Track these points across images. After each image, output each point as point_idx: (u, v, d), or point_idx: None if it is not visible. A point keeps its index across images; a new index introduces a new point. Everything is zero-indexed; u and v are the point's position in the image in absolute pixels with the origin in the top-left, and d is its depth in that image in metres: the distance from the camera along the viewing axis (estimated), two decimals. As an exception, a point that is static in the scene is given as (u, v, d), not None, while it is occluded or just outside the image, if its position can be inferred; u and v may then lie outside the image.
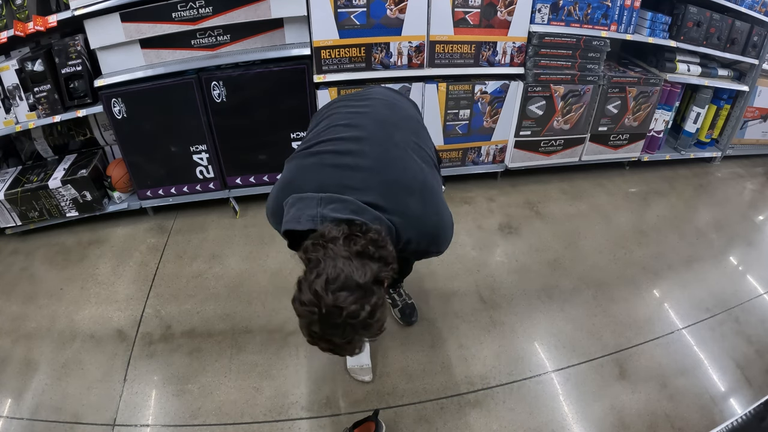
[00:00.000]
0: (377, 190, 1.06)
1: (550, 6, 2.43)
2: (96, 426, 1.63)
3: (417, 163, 1.17)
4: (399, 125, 1.25)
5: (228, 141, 2.48)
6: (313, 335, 0.94)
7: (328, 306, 0.89)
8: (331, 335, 0.92)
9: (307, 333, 0.95)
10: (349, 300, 0.89)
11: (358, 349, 0.98)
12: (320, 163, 1.14)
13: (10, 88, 2.27)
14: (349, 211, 1.00)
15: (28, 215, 2.46)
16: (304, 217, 1.02)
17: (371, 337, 0.97)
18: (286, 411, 1.66)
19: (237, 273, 2.24)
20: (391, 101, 1.42)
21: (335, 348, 0.96)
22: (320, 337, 0.94)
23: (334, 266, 0.90)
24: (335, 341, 0.94)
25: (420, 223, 1.12)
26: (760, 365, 1.85)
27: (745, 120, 3.23)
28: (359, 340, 0.96)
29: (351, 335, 0.93)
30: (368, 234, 0.96)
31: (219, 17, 2.18)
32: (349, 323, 0.90)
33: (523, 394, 1.72)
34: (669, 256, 2.40)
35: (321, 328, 0.92)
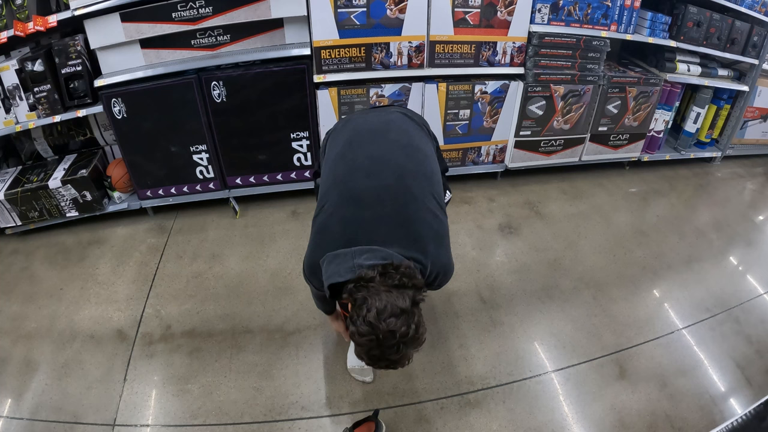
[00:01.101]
0: (400, 243, 1.22)
1: (550, 6, 2.43)
2: (96, 426, 1.63)
3: (431, 213, 1.30)
4: (416, 175, 1.33)
5: (228, 141, 2.48)
6: (373, 358, 1.11)
7: (383, 332, 1.06)
8: (388, 355, 1.09)
9: (367, 357, 1.12)
10: (398, 324, 1.07)
11: (408, 360, 1.14)
12: (345, 221, 1.27)
13: (10, 88, 2.27)
14: (380, 258, 1.16)
15: (28, 215, 2.46)
16: (343, 269, 1.17)
17: (418, 347, 1.13)
18: (286, 411, 1.66)
19: (237, 273, 2.24)
20: (407, 140, 1.43)
21: (392, 363, 1.12)
22: (379, 358, 1.11)
23: (379, 299, 1.08)
24: (392, 358, 1.10)
25: (437, 261, 1.29)
26: (760, 365, 1.85)
27: (745, 120, 3.23)
28: (410, 352, 1.12)
29: (404, 351, 1.10)
30: (399, 269, 1.13)
31: (219, 17, 2.18)
32: (402, 341, 1.07)
33: (523, 394, 1.72)
34: (669, 256, 2.40)
35: (380, 351, 1.09)
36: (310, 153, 2.58)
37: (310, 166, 2.62)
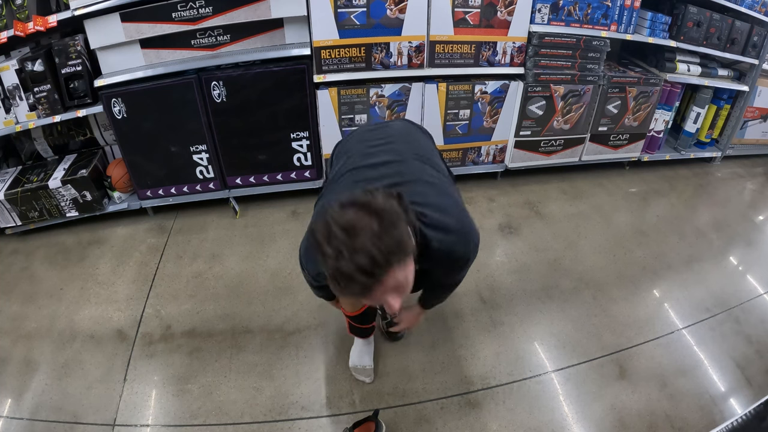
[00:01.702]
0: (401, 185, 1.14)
1: (550, 6, 2.43)
2: (96, 426, 1.63)
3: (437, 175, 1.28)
4: (419, 154, 1.33)
5: (228, 141, 2.48)
6: (343, 274, 0.89)
7: (340, 225, 0.87)
8: (359, 261, 0.87)
9: (337, 277, 0.90)
10: (358, 215, 0.88)
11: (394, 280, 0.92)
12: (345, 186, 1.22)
13: (10, 88, 2.27)
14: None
15: (28, 215, 2.46)
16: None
17: (400, 256, 0.91)
18: (286, 411, 1.66)
19: (237, 273, 2.24)
20: (407, 137, 1.45)
21: (368, 276, 0.88)
22: (349, 273, 0.88)
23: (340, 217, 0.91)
24: (363, 266, 0.87)
25: (441, 208, 1.14)
26: (760, 365, 1.85)
27: (745, 120, 3.23)
28: (392, 263, 0.90)
29: (379, 258, 0.87)
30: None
31: (219, 17, 2.18)
32: (370, 241, 0.87)
33: (523, 394, 1.72)
34: (669, 256, 2.40)
35: (348, 261, 0.87)
36: (310, 153, 2.58)
37: (310, 166, 2.63)
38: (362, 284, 0.89)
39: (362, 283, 0.88)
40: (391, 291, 0.95)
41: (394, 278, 0.92)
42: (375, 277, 0.89)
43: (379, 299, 0.96)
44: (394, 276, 0.92)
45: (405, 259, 0.93)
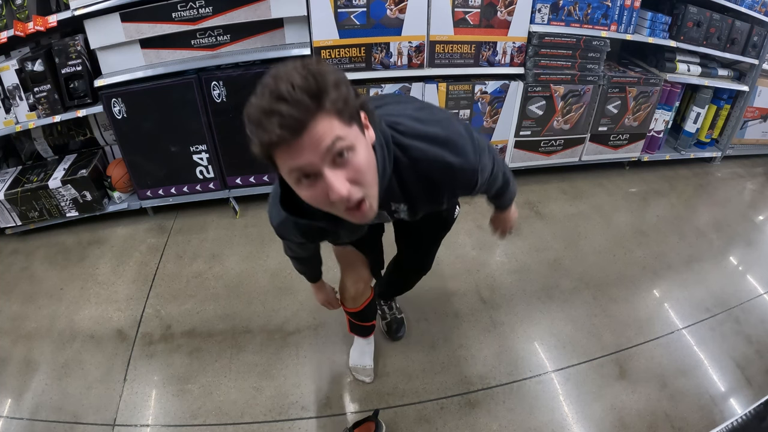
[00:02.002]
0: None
1: (550, 6, 2.43)
2: (96, 426, 1.63)
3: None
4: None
5: (228, 141, 2.48)
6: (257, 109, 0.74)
7: (272, 74, 0.75)
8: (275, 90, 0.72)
9: (251, 115, 0.75)
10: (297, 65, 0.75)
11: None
12: None
13: (10, 88, 2.27)
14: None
15: (28, 215, 2.46)
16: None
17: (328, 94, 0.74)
18: (286, 411, 1.66)
19: (237, 273, 2.24)
20: (400, 98, 1.44)
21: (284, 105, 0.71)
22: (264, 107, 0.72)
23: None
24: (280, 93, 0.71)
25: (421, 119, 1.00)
26: (760, 365, 1.85)
27: (745, 120, 3.23)
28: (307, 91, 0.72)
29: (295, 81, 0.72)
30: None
31: (219, 17, 2.18)
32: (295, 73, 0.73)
33: (523, 394, 1.72)
34: (669, 256, 2.40)
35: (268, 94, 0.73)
36: (310, 153, 2.58)
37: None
38: (277, 123, 0.70)
39: (278, 120, 0.70)
40: (324, 153, 0.74)
41: (321, 128, 0.73)
42: (293, 114, 0.70)
43: (309, 163, 0.75)
44: (321, 125, 0.73)
45: (339, 111, 0.75)
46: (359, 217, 0.84)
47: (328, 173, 0.76)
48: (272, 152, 0.76)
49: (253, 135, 0.75)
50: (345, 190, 0.77)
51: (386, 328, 1.90)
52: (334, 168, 0.77)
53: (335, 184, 0.76)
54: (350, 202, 0.80)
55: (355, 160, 0.78)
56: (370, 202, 0.84)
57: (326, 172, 0.76)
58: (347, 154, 0.77)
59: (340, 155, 0.76)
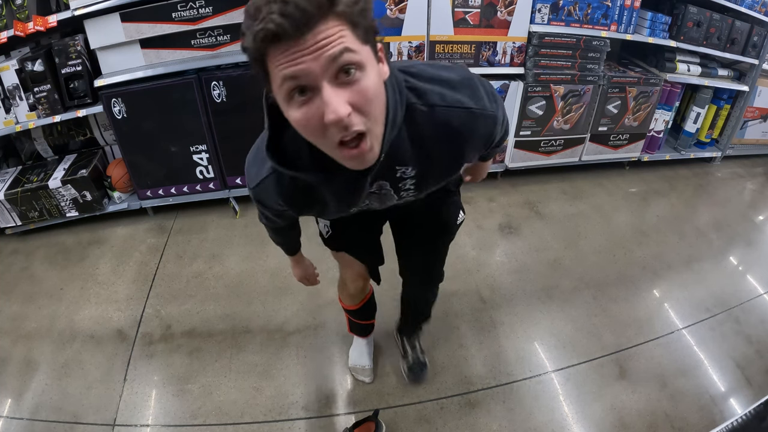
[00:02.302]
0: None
1: (550, 6, 2.43)
2: (96, 426, 1.63)
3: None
4: None
5: (228, 141, 2.48)
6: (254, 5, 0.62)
7: None
8: None
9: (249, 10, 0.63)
10: None
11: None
12: None
13: (10, 88, 2.27)
14: None
15: (28, 215, 2.46)
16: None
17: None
18: (286, 411, 1.66)
19: (237, 273, 2.24)
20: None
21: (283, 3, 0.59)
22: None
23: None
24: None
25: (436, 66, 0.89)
26: (760, 365, 1.85)
27: (745, 120, 3.23)
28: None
29: None
30: None
31: (219, 17, 2.18)
32: None
33: (523, 394, 1.72)
34: (669, 256, 2.40)
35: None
36: (310, 153, 2.58)
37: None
38: (278, 10, 0.59)
39: (280, 7, 0.59)
40: (327, 62, 0.62)
41: (331, 31, 0.62)
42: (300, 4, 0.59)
43: (307, 71, 0.62)
44: (331, 29, 0.62)
45: (353, 20, 0.64)
46: (357, 158, 0.71)
47: (327, 89, 0.63)
48: (266, 51, 0.63)
49: (248, 28, 0.63)
50: (343, 110, 0.64)
51: (407, 370, 1.72)
52: (336, 85, 0.64)
53: (333, 101, 0.63)
54: (347, 131, 0.66)
55: (363, 82, 0.66)
56: (372, 141, 0.70)
57: (325, 87, 0.63)
58: (354, 72, 0.65)
59: (346, 72, 0.64)
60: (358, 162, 0.72)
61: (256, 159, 0.92)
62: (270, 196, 0.93)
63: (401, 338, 1.79)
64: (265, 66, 0.65)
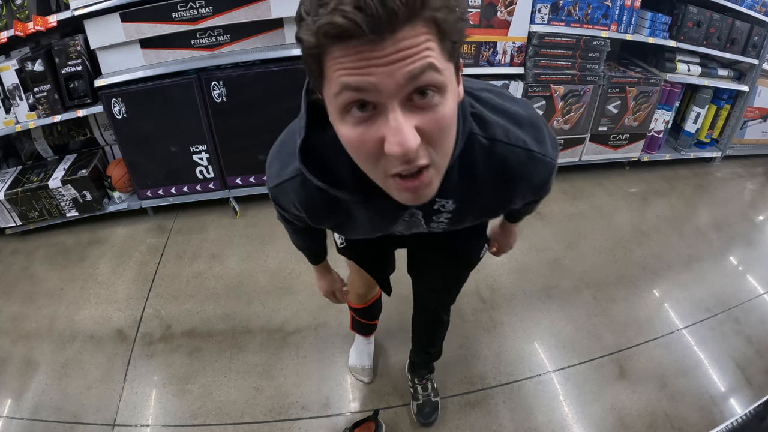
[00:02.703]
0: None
1: (550, 6, 2.43)
2: (96, 426, 1.63)
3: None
4: None
5: (228, 141, 2.48)
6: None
7: None
8: None
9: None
10: None
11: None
12: None
13: (10, 88, 2.27)
14: None
15: (28, 215, 2.46)
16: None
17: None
18: (286, 411, 1.66)
19: (237, 273, 2.24)
20: None
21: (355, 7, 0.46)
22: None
23: None
24: None
25: (502, 94, 0.80)
26: (760, 365, 1.85)
27: (745, 120, 3.23)
28: None
29: None
30: None
31: (219, 17, 2.18)
32: None
33: (523, 394, 1.72)
34: (669, 256, 2.40)
35: None
36: (310, 153, 2.58)
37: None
38: (347, 13, 0.46)
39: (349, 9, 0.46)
40: (405, 79, 0.50)
41: (417, 40, 0.50)
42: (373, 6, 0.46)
43: (378, 85, 0.50)
44: (417, 37, 0.50)
45: (443, 29, 0.52)
46: (412, 193, 0.60)
47: (396, 112, 0.52)
48: (327, 49, 0.50)
49: (308, 13, 0.49)
50: (413, 141, 0.52)
51: (416, 410, 1.61)
52: (407, 109, 0.53)
53: (402, 129, 0.52)
54: (410, 165, 0.56)
55: (440, 108, 0.54)
56: (432, 177, 0.59)
57: (395, 110, 0.52)
58: (433, 95, 0.53)
59: (423, 94, 0.52)
60: (412, 197, 0.61)
61: (281, 154, 0.80)
62: (289, 198, 0.82)
63: (413, 379, 1.66)
64: (321, 64, 0.52)
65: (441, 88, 0.53)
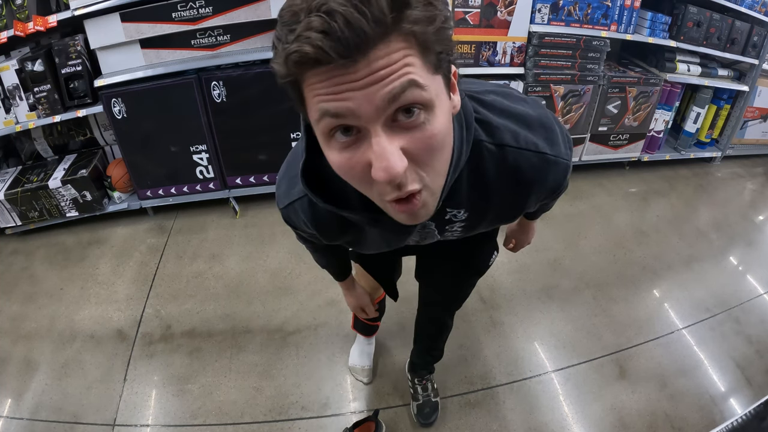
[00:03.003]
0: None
1: (550, 6, 2.43)
2: (96, 426, 1.63)
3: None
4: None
5: (228, 141, 2.48)
6: (291, 14, 0.46)
7: None
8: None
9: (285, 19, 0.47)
10: None
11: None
12: None
13: (10, 88, 2.27)
14: None
15: (28, 215, 2.46)
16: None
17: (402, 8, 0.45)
18: (286, 411, 1.66)
19: (237, 273, 2.24)
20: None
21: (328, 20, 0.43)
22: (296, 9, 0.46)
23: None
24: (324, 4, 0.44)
25: (509, 95, 0.78)
26: (760, 365, 1.85)
27: (745, 120, 3.23)
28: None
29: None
30: None
31: (219, 17, 2.18)
32: None
33: (523, 394, 1.72)
34: (669, 256, 2.40)
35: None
36: (310, 153, 2.58)
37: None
38: (321, 26, 0.44)
39: (324, 23, 0.44)
40: (384, 100, 0.48)
41: (393, 57, 0.47)
42: (352, 20, 0.43)
43: (355, 109, 0.48)
44: (393, 54, 0.47)
45: (423, 41, 0.49)
46: (405, 214, 0.57)
47: (380, 136, 0.49)
48: (301, 77, 0.49)
49: (279, 40, 0.48)
50: (399, 166, 0.49)
51: (416, 410, 1.61)
52: (391, 131, 0.50)
53: (385, 154, 0.48)
54: (400, 191, 0.53)
55: (428, 127, 0.51)
56: (426, 199, 0.57)
57: (377, 134, 0.49)
58: (419, 114, 0.50)
59: (408, 112, 0.49)
60: (409, 219, 0.59)
61: (287, 174, 0.79)
62: (299, 219, 0.81)
63: (413, 379, 1.66)
64: (299, 91, 0.51)
65: (427, 104, 0.50)
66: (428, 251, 1.14)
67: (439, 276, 1.26)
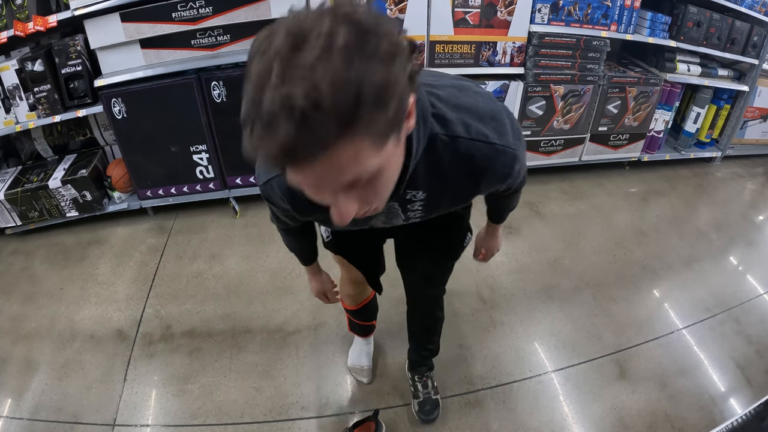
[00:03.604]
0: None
1: (550, 6, 2.43)
2: (96, 426, 1.63)
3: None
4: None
5: (228, 141, 2.48)
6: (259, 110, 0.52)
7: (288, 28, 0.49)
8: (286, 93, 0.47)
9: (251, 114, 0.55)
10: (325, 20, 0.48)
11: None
12: None
13: (10, 88, 2.27)
14: None
15: (28, 215, 2.46)
16: None
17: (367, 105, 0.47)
18: (286, 411, 1.66)
19: (237, 273, 2.24)
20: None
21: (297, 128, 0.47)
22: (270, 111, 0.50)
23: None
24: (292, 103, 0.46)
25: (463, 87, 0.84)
26: (760, 365, 1.85)
27: (745, 120, 3.23)
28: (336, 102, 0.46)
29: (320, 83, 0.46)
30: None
31: (219, 17, 2.18)
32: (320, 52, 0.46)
33: (523, 394, 1.72)
34: (669, 256, 2.40)
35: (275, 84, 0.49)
36: (310, 153, 2.58)
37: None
38: (279, 144, 0.49)
39: (281, 141, 0.48)
40: (340, 186, 0.56)
41: (344, 158, 0.51)
42: (304, 141, 0.48)
43: (317, 188, 0.58)
44: (345, 154, 0.50)
45: (375, 134, 0.51)
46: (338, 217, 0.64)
47: (338, 198, 0.59)
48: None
49: (244, 128, 0.55)
50: (353, 212, 0.61)
51: (417, 408, 1.62)
52: (348, 192, 0.59)
53: (342, 209, 0.60)
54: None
55: (380, 181, 0.60)
56: (375, 207, 0.67)
57: (335, 195, 0.59)
58: (372, 178, 0.58)
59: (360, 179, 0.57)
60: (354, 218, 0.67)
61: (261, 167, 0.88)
62: (276, 194, 0.89)
63: (413, 377, 1.67)
64: None
65: (377, 172, 0.57)
66: (404, 235, 1.23)
67: (416, 259, 1.33)
